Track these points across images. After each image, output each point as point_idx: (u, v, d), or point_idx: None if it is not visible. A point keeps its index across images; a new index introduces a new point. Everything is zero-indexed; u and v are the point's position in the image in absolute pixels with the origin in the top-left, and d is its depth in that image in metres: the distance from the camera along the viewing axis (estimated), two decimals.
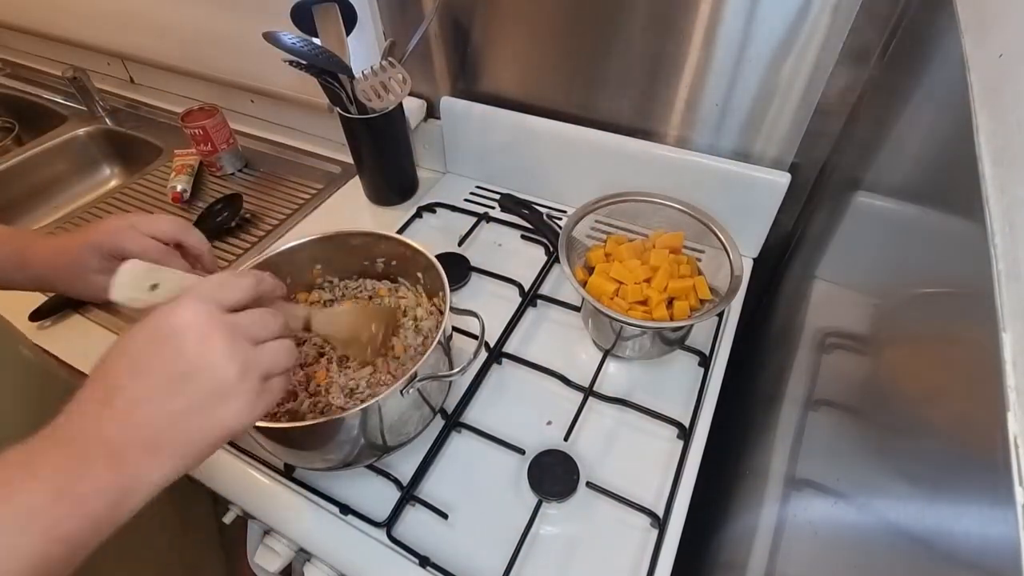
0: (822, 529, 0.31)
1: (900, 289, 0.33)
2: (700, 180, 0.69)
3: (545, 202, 0.84)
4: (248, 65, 0.94)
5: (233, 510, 0.61)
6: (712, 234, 0.60)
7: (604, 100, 0.72)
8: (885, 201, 0.42)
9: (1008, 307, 0.18)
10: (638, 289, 0.57)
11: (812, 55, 0.58)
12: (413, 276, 0.60)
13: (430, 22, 0.75)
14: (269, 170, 0.97)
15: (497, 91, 0.79)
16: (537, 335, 0.67)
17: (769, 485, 0.44)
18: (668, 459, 0.55)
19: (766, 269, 0.75)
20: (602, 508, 0.52)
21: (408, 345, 0.57)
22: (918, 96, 0.41)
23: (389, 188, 0.87)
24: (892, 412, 0.28)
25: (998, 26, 0.28)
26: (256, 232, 0.85)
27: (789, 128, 0.64)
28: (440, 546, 0.50)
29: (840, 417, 0.36)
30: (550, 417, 0.59)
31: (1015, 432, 0.15)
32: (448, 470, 0.56)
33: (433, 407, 0.55)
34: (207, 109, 0.93)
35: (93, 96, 1.09)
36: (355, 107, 0.74)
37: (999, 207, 0.21)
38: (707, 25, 0.60)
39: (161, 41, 1.01)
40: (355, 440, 0.48)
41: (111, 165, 1.13)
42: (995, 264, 0.19)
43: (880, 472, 0.26)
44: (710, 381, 0.61)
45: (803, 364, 0.48)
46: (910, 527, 0.22)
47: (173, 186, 0.90)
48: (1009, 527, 0.14)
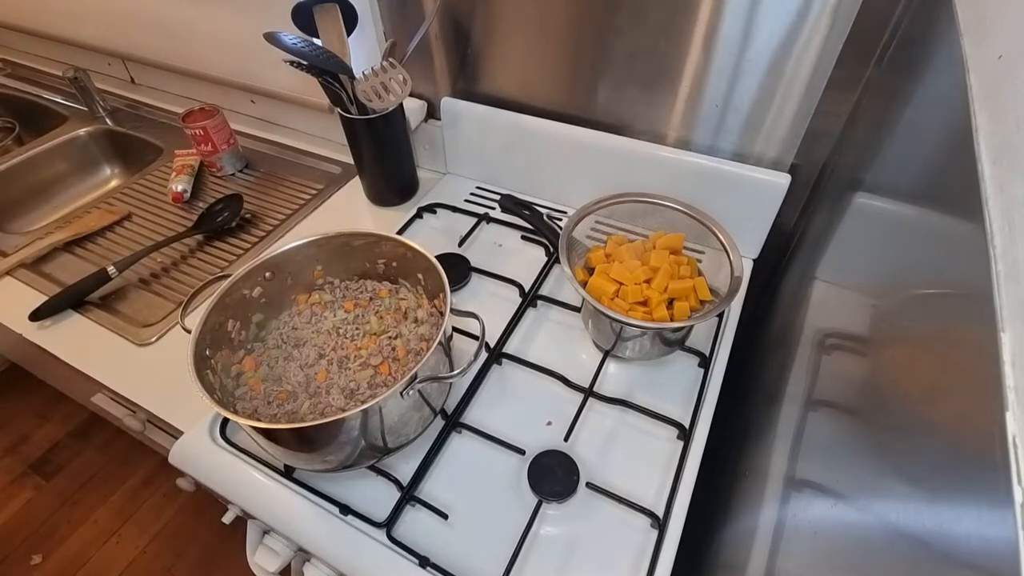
0: (822, 529, 0.31)
1: (900, 290, 0.33)
2: (700, 181, 0.69)
3: (545, 203, 0.84)
4: (249, 65, 0.94)
5: (232, 510, 0.61)
6: (712, 235, 0.60)
7: (604, 101, 0.72)
8: (885, 202, 0.42)
9: (1007, 307, 0.18)
10: (638, 290, 0.57)
11: (812, 56, 0.58)
12: (414, 277, 0.60)
13: (431, 23, 0.75)
14: (269, 170, 0.97)
15: (497, 92, 0.79)
16: (537, 336, 0.67)
17: (769, 485, 0.44)
18: (668, 460, 0.55)
19: (766, 270, 0.75)
20: (602, 509, 0.52)
21: (409, 347, 0.57)
22: (918, 97, 0.41)
23: (389, 189, 0.87)
24: (891, 412, 0.28)
25: (997, 27, 0.28)
26: (256, 232, 0.85)
27: (789, 129, 0.64)
28: (440, 546, 0.50)
29: (840, 417, 0.36)
30: (550, 418, 0.59)
31: (1014, 432, 0.15)
32: (448, 470, 0.56)
33: (433, 408, 0.55)
34: (208, 109, 0.93)
35: (94, 96, 1.09)
36: (356, 108, 0.74)
37: (998, 208, 0.21)
38: (707, 26, 0.60)
39: (162, 41, 1.01)
40: (355, 442, 0.48)
41: (112, 165, 1.13)
42: (994, 265, 0.19)
43: (879, 472, 0.26)
44: (710, 382, 0.61)
45: (803, 364, 0.48)
46: (909, 527, 0.22)
47: (173, 186, 0.90)
48: (1008, 528, 0.14)
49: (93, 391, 0.82)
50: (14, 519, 1.35)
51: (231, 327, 0.55)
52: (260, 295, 0.58)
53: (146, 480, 1.41)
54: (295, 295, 0.61)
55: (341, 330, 0.59)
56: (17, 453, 1.48)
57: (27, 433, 1.52)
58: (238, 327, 0.56)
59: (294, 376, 0.55)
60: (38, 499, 1.39)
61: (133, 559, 1.28)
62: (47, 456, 1.47)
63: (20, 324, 0.71)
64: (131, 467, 1.44)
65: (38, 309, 0.70)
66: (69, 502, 1.38)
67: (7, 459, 1.46)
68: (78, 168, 1.10)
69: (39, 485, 1.41)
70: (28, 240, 0.84)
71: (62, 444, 1.49)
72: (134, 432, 0.80)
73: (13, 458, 1.47)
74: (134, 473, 1.43)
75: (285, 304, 0.61)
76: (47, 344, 0.69)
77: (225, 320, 0.55)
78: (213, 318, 0.52)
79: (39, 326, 0.70)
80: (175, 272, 0.79)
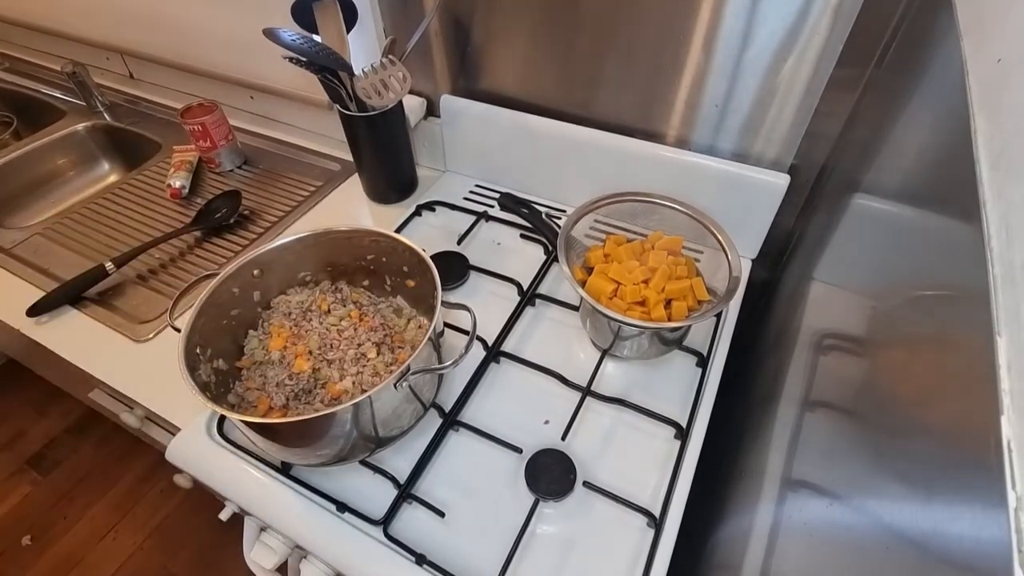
0: (817, 530, 0.32)
1: (897, 292, 0.33)
2: (699, 181, 0.69)
3: (544, 201, 0.84)
4: (248, 62, 0.94)
5: (229, 506, 0.61)
6: (711, 235, 0.60)
7: (604, 100, 0.72)
8: (883, 204, 0.42)
9: (1003, 311, 0.18)
10: (636, 290, 0.57)
11: (812, 57, 0.58)
12: (405, 273, 0.60)
13: (430, 20, 0.75)
14: (268, 167, 0.97)
15: (497, 90, 0.79)
16: (535, 334, 0.67)
17: (765, 486, 0.44)
18: (665, 459, 0.55)
19: (764, 270, 0.75)
20: (599, 507, 0.52)
21: (402, 341, 0.57)
22: (917, 99, 0.41)
23: (388, 186, 0.87)
24: (888, 414, 0.28)
25: (997, 30, 0.28)
26: (255, 229, 0.85)
27: (788, 130, 0.64)
28: (437, 544, 0.50)
29: (836, 418, 0.36)
30: (548, 416, 0.59)
31: (1008, 436, 0.15)
32: (445, 469, 0.56)
33: (424, 402, 0.55)
34: (206, 105, 0.92)
35: (92, 91, 1.08)
36: (355, 104, 0.74)
37: (996, 211, 0.21)
38: (707, 26, 0.60)
39: (161, 37, 1.00)
40: (348, 435, 0.48)
41: (109, 161, 1.13)
42: (991, 268, 0.19)
43: (875, 474, 0.26)
44: (707, 381, 0.61)
45: (800, 365, 0.48)
46: (904, 528, 0.22)
47: (172, 182, 0.90)
48: (1002, 530, 0.14)
49: (90, 387, 0.82)
50: (11, 515, 1.35)
51: (222, 324, 0.55)
52: (251, 292, 0.58)
53: (143, 476, 1.41)
54: (286, 292, 0.61)
55: (333, 325, 0.59)
56: (14, 449, 1.48)
57: (24, 429, 1.51)
58: (230, 325, 0.56)
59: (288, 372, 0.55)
60: (35, 494, 1.39)
61: (130, 555, 1.28)
62: (44, 452, 1.47)
63: (17, 319, 0.70)
64: (128, 463, 1.44)
65: (35, 305, 0.70)
66: (66, 498, 1.38)
67: (4, 454, 1.46)
68: (76, 163, 1.09)
69: (36, 481, 1.41)
70: (26, 235, 0.83)
71: (59, 440, 1.49)
72: (131, 428, 0.79)
73: (10, 453, 1.46)
74: (131, 469, 1.43)
75: (276, 301, 0.61)
76: (44, 340, 0.68)
77: (215, 317, 0.55)
78: (203, 316, 0.52)
79: (36, 322, 0.70)
80: (173, 268, 0.79)
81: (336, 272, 0.63)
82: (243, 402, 0.54)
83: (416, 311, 0.62)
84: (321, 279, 0.63)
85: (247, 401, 0.54)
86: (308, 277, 0.62)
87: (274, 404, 0.53)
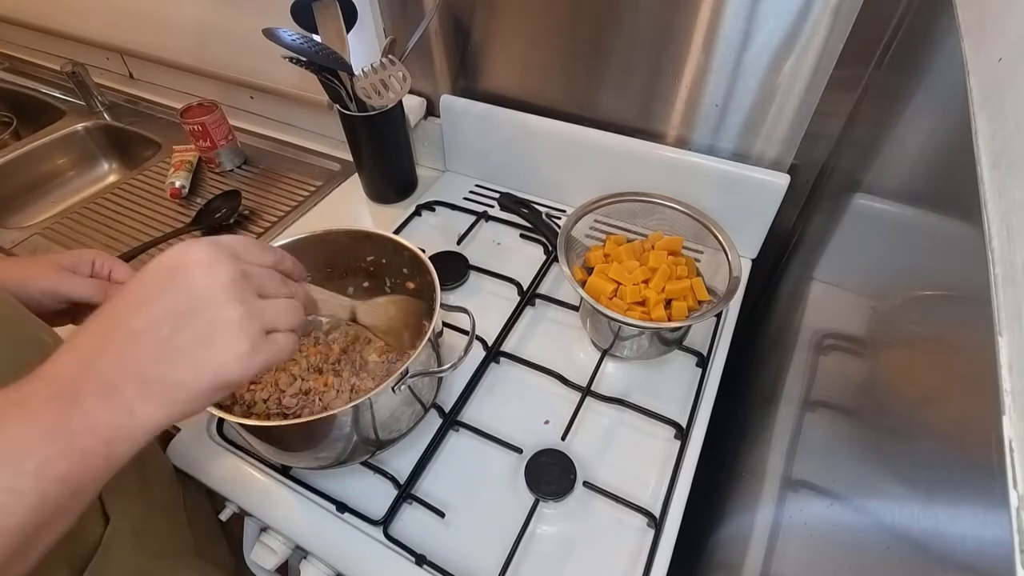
0: (817, 530, 0.32)
1: (898, 291, 0.33)
2: (699, 181, 0.69)
3: (544, 201, 0.84)
4: (248, 61, 0.94)
5: (230, 507, 0.61)
6: (711, 235, 0.60)
7: (604, 100, 0.72)
8: (884, 203, 0.42)
9: (1005, 311, 0.18)
10: (636, 290, 0.57)
11: (812, 57, 0.58)
12: (404, 274, 0.60)
13: (430, 20, 0.75)
14: (268, 167, 0.97)
15: (497, 90, 0.79)
16: (535, 334, 0.67)
17: (765, 486, 0.44)
18: (665, 459, 0.55)
19: (764, 270, 0.75)
20: (599, 508, 0.52)
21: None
22: (918, 99, 0.41)
23: (388, 186, 0.86)
24: (888, 414, 0.28)
25: (998, 30, 0.28)
26: (255, 229, 0.85)
27: (789, 129, 0.64)
28: (437, 545, 0.50)
29: (837, 418, 0.36)
30: (547, 416, 0.59)
31: (1010, 436, 0.15)
32: (445, 469, 0.56)
33: (424, 404, 0.55)
34: (206, 105, 0.92)
35: (92, 91, 1.08)
36: (355, 104, 0.74)
37: (997, 211, 0.21)
38: (708, 25, 0.60)
39: (161, 36, 1.00)
40: (347, 437, 0.48)
41: (109, 160, 1.13)
42: (992, 268, 0.19)
43: (876, 474, 0.26)
44: (708, 381, 0.61)
45: (800, 365, 0.48)
46: (905, 529, 0.22)
47: (172, 182, 0.90)
48: (1003, 530, 0.14)
49: None
50: None
51: None
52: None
53: None
54: None
55: (331, 328, 0.59)
56: None
57: None
58: None
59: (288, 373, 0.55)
60: None
61: None
62: None
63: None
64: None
65: None
66: None
67: None
68: (76, 163, 1.09)
69: None
70: (26, 235, 0.83)
71: None
72: None
73: None
74: None
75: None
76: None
77: None
78: None
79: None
80: None
81: (336, 273, 0.63)
82: (242, 403, 0.54)
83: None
84: (318, 279, 0.63)
85: (246, 402, 0.54)
86: (308, 278, 0.62)
87: (272, 407, 0.53)
